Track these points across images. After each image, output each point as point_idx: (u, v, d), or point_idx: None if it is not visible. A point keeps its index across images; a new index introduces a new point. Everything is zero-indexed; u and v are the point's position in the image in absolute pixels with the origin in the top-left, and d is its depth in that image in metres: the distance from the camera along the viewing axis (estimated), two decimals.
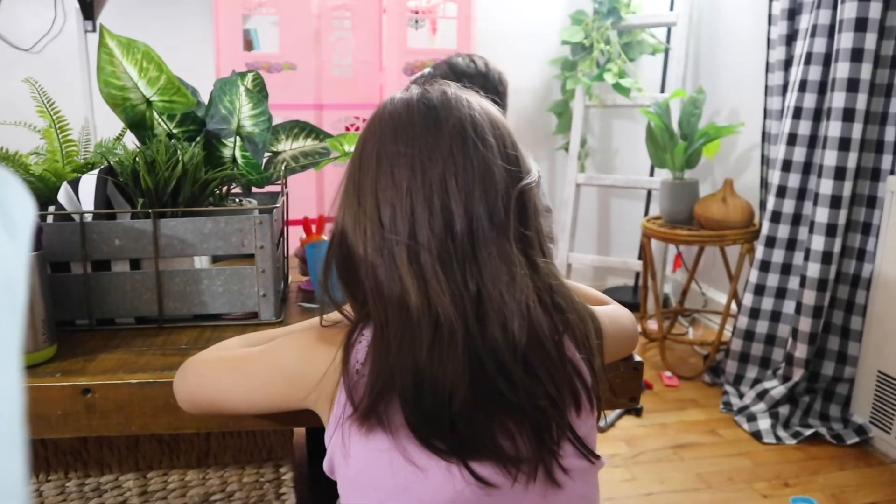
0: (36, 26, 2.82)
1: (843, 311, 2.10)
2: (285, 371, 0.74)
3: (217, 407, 0.80)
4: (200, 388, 0.80)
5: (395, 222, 0.69)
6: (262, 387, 0.75)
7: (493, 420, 0.68)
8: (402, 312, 0.68)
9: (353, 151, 0.76)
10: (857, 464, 1.92)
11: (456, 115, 0.71)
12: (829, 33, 2.04)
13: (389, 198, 0.69)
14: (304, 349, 0.74)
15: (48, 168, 1.09)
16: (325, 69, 2.50)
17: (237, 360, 0.78)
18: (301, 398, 0.74)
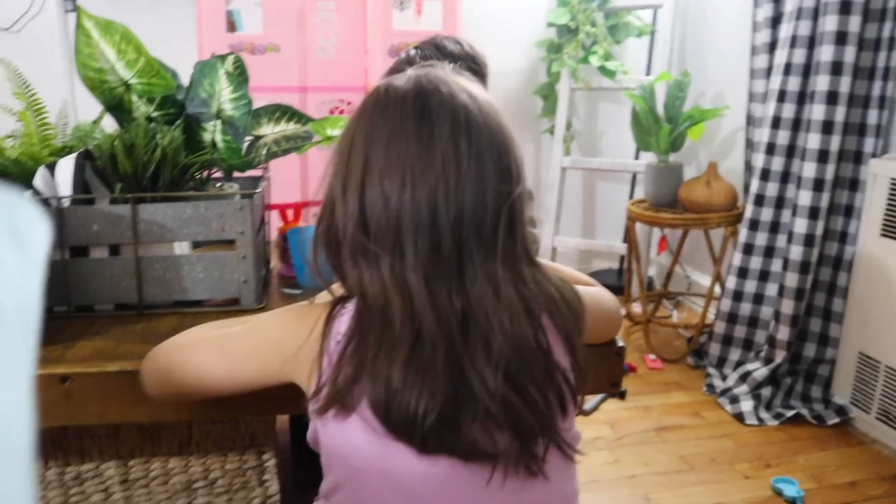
0: (15, 5, 2.77)
1: (825, 294, 2.12)
2: (267, 343, 0.74)
3: (193, 387, 0.78)
4: (176, 370, 0.79)
5: (379, 233, 0.67)
6: (244, 361, 0.75)
7: (474, 429, 0.67)
8: (383, 323, 0.67)
9: (340, 137, 0.73)
10: (837, 444, 1.95)
11: (452, 125, 0.68)
12: (814, 16, 2.04)
13: (376, 208, 0.67)
14: (285, 321, 0.74)
15: (24, 152, 1.07)
16: (310, 51, 2.47)
17: (217, 339, 0.78)
18: (279, 368, 0.73)
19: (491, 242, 0.68)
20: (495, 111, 0.72)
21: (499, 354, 0.66)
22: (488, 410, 0.66)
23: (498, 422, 0.67)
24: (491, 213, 0.68)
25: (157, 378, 0.80)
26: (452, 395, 0.65)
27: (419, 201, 0.66)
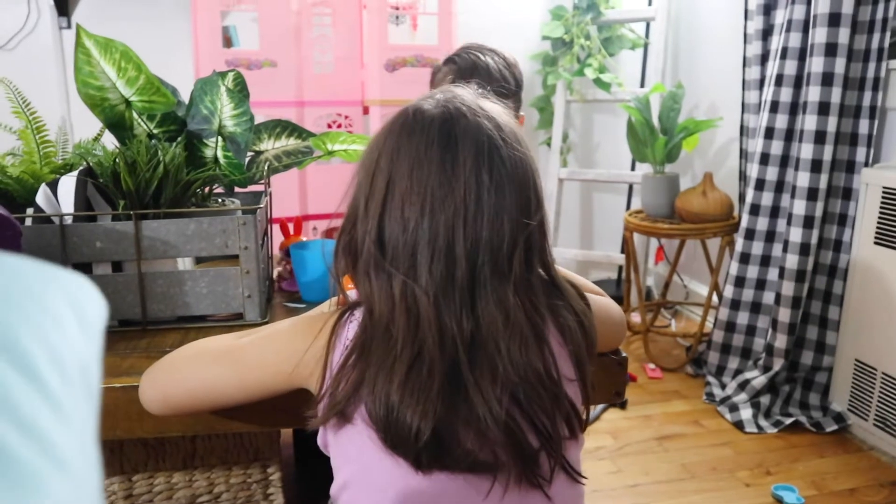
0: (8, 23, 2.78)
1: (821, 302, 2.13)
2: (279, 352, 0.74)
3: (202, 400, 0.79)
4: (179, 383, 0.79)
5: (396, 254, 0.69)
6: (256, 369, 0.75)
7: (475, 445, 0.68)
8: (387, 340, 0.68)
9: (366, 153, 0.74)
10: (836, 451, 1.95)
11: (476, 155, 0.69)
12: (804, 28, 2.07)
13: (394, 231, 0.69)
14: (297, 329, 0.75)
15: (25, 170, 1.08)
16: (306, 66, 2.49)
17: (227, 350, 0.78)
18: (290, 373, 0.74)
19: (506, 271, 0.69)
20: (519, 141, 0.72)
21: (504, 379, 0.67)
22: (490, 432, 0.67)
23: (500, 442, 0.68)
24: (508, 242, 0.69)
25: (163, 393, 0.80)
26: (451, 415, 0.66)
27: (437, 228, 0.67)
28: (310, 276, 1.09)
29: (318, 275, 1.08)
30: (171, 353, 0.82)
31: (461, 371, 0.67)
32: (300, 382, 0.75)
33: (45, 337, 0.31)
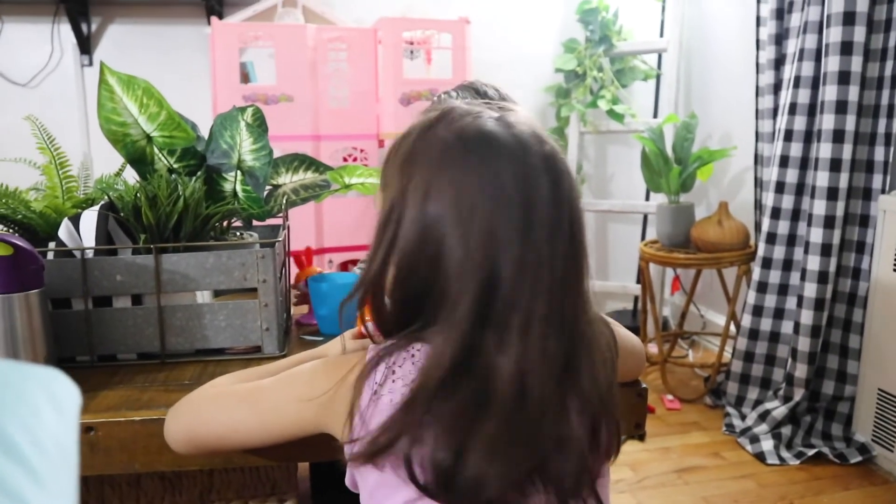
0: (33, 61, 2.85)
1: (841, 330, 2.11)
2: (300, 397, 0.73)
3: (225, 442, 0.78)
4: (203, 424, 0.78)
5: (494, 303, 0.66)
6: (278, 414, 0.74)
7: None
8: (458, 390, 0.64)
9: (444, 191, 0.67)
10: (861, 483, 1.92)
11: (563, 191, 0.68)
12: (816, 57, 2.08)
13: (492, 277, 0.66)
14: (318, 373, 0.73)
15: (49, 205, 1.09)
16: (322, 100, 2.52)
17: (246, 393, 0.77)
18: (312, 418, 0.72)
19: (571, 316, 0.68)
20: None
21: (576, 439, 0.67)
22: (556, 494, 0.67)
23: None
24: (573, 281, 0.70)
25: (186, 434, 0.79)
26: (531, 467, 0.65)
27: (518, 276, 0.65)
28: (327, 308, 1.10)
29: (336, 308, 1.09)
30: (195, 392, 0.81)
31: (540, 430, 0.66)
32: (324, 427, 0.73)
33: (26, 424, 0.38)
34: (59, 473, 0.38)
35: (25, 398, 0.40)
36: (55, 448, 0.39)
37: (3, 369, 0.41)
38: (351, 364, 0.71)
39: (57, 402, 0.42)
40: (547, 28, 3.16)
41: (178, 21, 2.90)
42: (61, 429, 0.41)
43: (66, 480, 0.39)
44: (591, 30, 2.99)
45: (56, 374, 0.44)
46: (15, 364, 0.42)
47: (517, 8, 3.13)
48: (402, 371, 0.68)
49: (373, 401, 0.67)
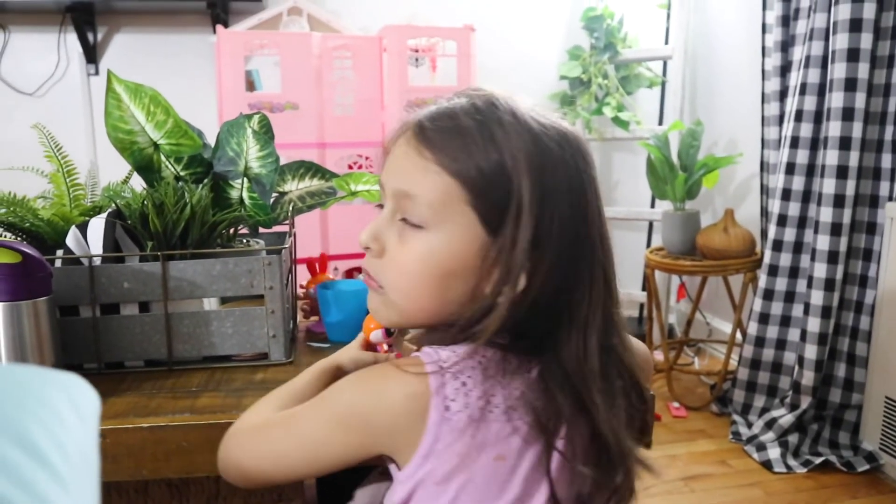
0: (40, 70, 2.86)
1: (849, 338, 2.10)
2: (344, 419, 0.68)
3: (278, 477, 0.75)
4: (254, 461, 0.74)
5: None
6: (323, 444, 0.69)
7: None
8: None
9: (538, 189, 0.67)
10: (868, 491, 1.91)
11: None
12: (823, 64, 2.07)
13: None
14: (363, 391, 0.69)
15: (56, 213, 1.10)
16: (327, 108, 2.53)
17: (285, 423, 0.73)
18: (361, 444, 0.68)
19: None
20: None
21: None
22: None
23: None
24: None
25: (237, 471, 0.76)
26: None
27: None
28: (336, 316, 1.10)
29: (345, 315, 1.09)
30: (240, 424, 0.78)
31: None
32: (380, 451, 0.69)
33: (50, 429, 0.38)
34: (82, 477, 0.38)
35: (48, 402, 0.40)
36: (77, 452, 0.39)
37: (24, 374, 0.42)
38: (404, 380, 0.66)
39: (78, 407, 0.42)
40: (552, 35, 3.17)
41: (183, 30, 2.92)
42: (83, 433, 0.41)
43: (88, 484, 0.39)
44: (596, 37, 2.99)
45: (76, 380, 0.45)
46: (36, 369, 0.43)
47: (522, 15, 3.14)
48: (472, 382, 0.66)
49: (445, 417, 0.64)
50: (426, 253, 0.68)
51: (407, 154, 0.70)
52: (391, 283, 0.71)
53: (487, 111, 0.69)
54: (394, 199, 0.71)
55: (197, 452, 0.85)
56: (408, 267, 0.69)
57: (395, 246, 0.71)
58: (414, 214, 0.69)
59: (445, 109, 0.70)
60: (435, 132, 0.69)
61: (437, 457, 0.65)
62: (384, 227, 0.72)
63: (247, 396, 0.92)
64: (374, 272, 0.73)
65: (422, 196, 0.68)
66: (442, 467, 0.65)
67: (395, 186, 0.71)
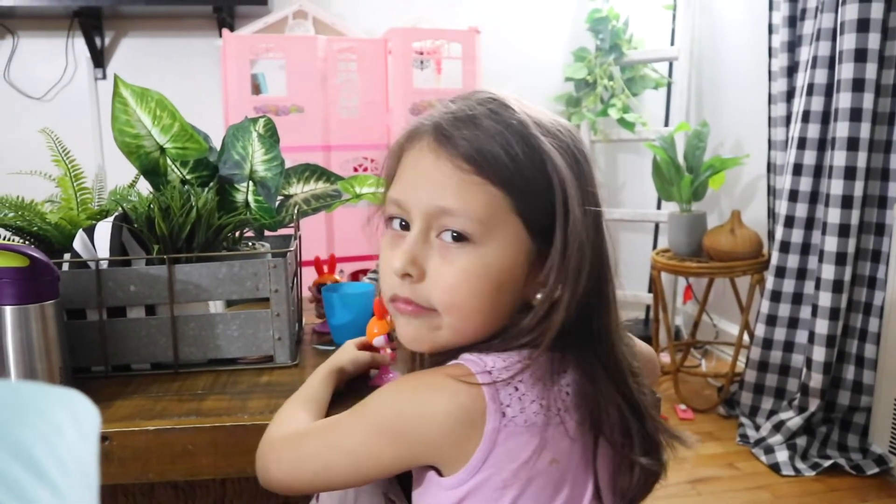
0: (47, 75, 2.88)
1: (857, 340, 2.09)
2: (390, 432, 0.66)
3: (322, 487, 0.75)
4: (296, 472, 0.72)
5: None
6: (367, 457, 0.67)
7: None
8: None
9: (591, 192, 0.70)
10: (878, 495, 1.89)
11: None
12: (830, 64, 2.07)
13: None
14: (409, 402, 0.66)
15: (64, 216, 1.10)
16: (333, 111, 2.54)
17: (325, 434, 0.72)
18: (416, 456, 0.66)
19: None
20: None
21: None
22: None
23: None
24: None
25: (282, 484, 0.74)
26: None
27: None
28: (341, 318, 1.10)
29: (350, 317, 1.09)
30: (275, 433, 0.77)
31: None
32: (428, 461, 0.67)
33: (50, 444, 0.39)
34: (81, 492, 0.39)
35: (48, 417, 0.40)
36: (76, 465, 0.40)
37: (24, 388, 0.43)
38: (453, 389, 0.64)
39: (77, 421, 0.43)
40: (557, 37, 3.17)
41: (190, 34, 2.93)
42: (82, 448, 0.42)
43: (87, 499, 0.39)
44: (602, 38, 2.99)
45: (75, 395, 0.45)
46: (37, 385, 0.43)
47: (527, 17, 3.14)
48: (524, 387, 0.65)
49: (503, 424, 0.63)
50: (479, 268, 0.66)
51: (437, 167, 0.66)
52: (444, 304, 0.68)
53: (507, 114, 0.68)
54: (426, 218, 0.67)
55: (203, 455, 0.85)
56: (461, 285, 0.66)
57: (440, 266, 0.67)
58: (459, 230, 0.66)
59: (464, 115, 0.68)
60: (466, 141, 0.66)
61: (494, 464, 0.63)
62: (419, 248, 0.68)
63: (252, 399, 0.93)
64: (418, 297, 0.68)
65: (466, 211, 0.65)
66: (500, 474, 0.63)
67: (431, 203, 0.66)
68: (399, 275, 0.68)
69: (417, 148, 0.69)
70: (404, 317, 0.71)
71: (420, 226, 0.68)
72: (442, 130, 0.67)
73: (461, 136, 0.66)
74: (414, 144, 0.70)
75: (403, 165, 0.71)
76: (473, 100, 0.70)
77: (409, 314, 0.70)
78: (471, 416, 0.63)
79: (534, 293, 0.70)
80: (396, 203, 0.70)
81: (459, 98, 0.72)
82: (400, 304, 0.70)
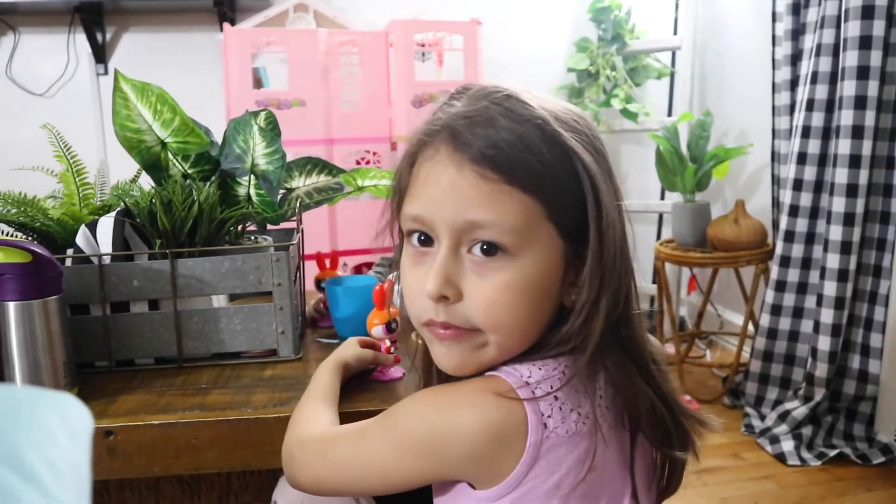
0: (49, 71, 2.88)
1: (863, 329, 2.08)
2: (419, 448, 0.64)
3: (351, 493, 0.75)
4: (325, 479, 0.71)
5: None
6: (395, 471, 0.66)
7: None
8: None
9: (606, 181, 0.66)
10: (884, 484, 1.89)
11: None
12: (834, 52, 2.05)
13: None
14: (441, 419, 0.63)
15: (66, 212, 1.10)
16: (334, 104, 2.53)
17: (353, 443, 0.70)
18: (446, 472, 0.64)
19: None
20: None
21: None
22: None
23: None
24: None
25: (313, 487, 0.74)
26: None
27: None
28: (344, 312, 1.10)
29: (353, 311, 1.09)
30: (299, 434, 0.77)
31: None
32: (458, 477, 0.65)
33: (41, 448, 0.39)
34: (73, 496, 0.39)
35: (40, 421, 0.41)
36: (69, 472, 0.40)
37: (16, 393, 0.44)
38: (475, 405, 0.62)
39: (70, 425, 0.43)
40: (559, 27, 3.16)
41: (191, 28, 2.92)
42: (74, 452, 0.42)
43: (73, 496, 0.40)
44: (604, 28, 2.97)
45: (68, 399, 0.45)
46: (28, 388, 0.45)
47: (528, 8, 3.13)
48: (563, 395, 0.63)
49: (545, 436, 0.61)
50: (518, 281, 0.63)
51: (463, 178, 0.62)
52: (489, 322, 0.64)
53: (525, 112, 0.64)
54: (455, 233, 0.63)
55: (207, 449, 0.85)
56: (503, 301, 0.63)
57: (476, 283, 0.64)
58: (493, 243, 0.62)
59: (481, 119, 0.63)
60: (489, 147, 0.61)
61: (536, 476, 0.61)
62: (450, 267, 0.64)
63: (256, 393, 0.93)
64: (457, 318, 0.65)
65: (500, 222, 0.61)
66: (542, 486, 0.61)
67: (460, 218, 0.62)
68: (434, 298, 0.64)
69: (434, 158, 0.64)
70: (444, 343, 0.67)
71: (449, 242, 0.64)
72: (460, 137, 0.63)
73: (481, 141, 0.62)
74: (428, 153, 0.65)
75: (419, 178, 0.66)
76: (486, 98, 0.65)
77: (450, 338, 0.66)
78: (508, 431, 0.61)
79: (568, 296, 0.67)
80: (419, 220, 0.65)
81: (467, 94, 0.67)
82: (438, 330, 0.66)
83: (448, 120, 0.65)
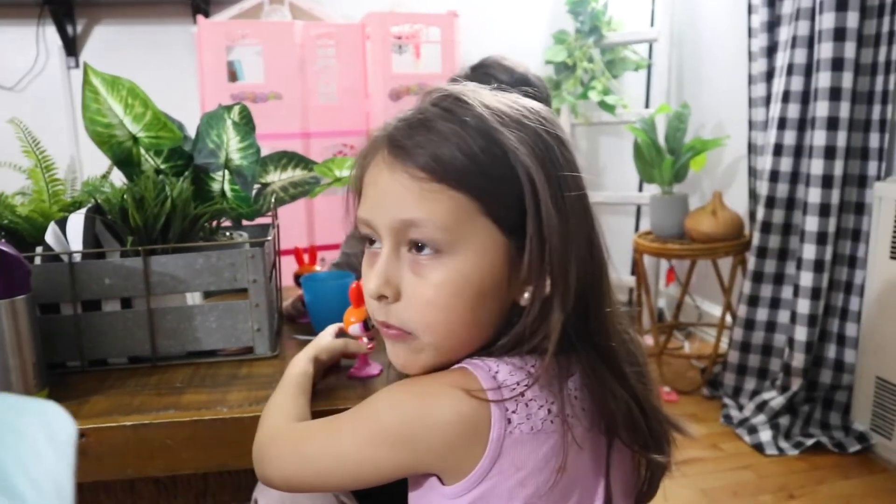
0: (18, 64, 2.82)
1: (838, 319, 2.10)
2: (390, 439, 0.63)
3: (322, 489, 0.75)
4: (296, 475, 0.71)
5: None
6: (366, 463, 0.65)
7: None
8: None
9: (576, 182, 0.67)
10: (860, 472, 1.91)
11: None
12: (809, 44, 2.07)
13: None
14: (411, 410, 0.63)
15: (35, 209, 1.07)
16: (311, 97, 2.51)
17: (325, 437, 0.69)
18: (417, 464, 0.64)
19: None
20: None
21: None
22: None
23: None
24: None
25: (283, 483, 0.72)
26: None
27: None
28: (321, 308, 1.08)
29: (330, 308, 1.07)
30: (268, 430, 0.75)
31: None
32: (429, 470, 0.65)
33: (25, 465, 0.39)
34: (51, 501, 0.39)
35: (25, 437, 0.41)
36: (51, 484, 0.40)
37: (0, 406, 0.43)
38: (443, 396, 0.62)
39: (54, 436, 0.43)
40: (536, 20, 3.15)
41: (164, 21, 2.88)
42: (57, 463, 0.42)
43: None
44: (581, 21, 2.97)
45: (51, 407, 0.45)
46: (12, 399, 0.44)
47: (506, 0, 3.11)
48: (530, 392, 0.62)
49: (508, 431, 0.61)
50: (454, 279, 0.63)
51: (395, 180, 0.63)
52: (422, 323, 0.65)
53: (460, 110, 0.64)
54: (393, 234, 0.64)
55: (182, 450, 0.84)
56: (437, 300, 0.63)
57: (413, 283, 0.64)
58: (426, 242, 0.63)
59: (417, 121, 0.65)
60: (420, 148, 0.63)
61: (499, 472, 0.61)
62: (391, 267, 0.65)
63: (232, 392, 0.91)
64: (396, 319, 0.66)
65: (429, 220, 0.62)
66: (505, 483, 0.61)
67: (394, 218, 0.64)
68: (374, 297, 0.66)
69: (374, 163, 0.67)
70: (390, 342, 0.68)
71: (389, 243, 0.65)
72: (395, 142, 0.64)
73: (414, 143, 0.63)
74: (371, 160, 0.67)
75: (365, 182, 0.68)
76: (427, 101, 0.67)
77: (393, 338, 0.67)
78: (475, 424, 0.61)
79: (520, 293, 0.66)
80: (365, 223, 0.67)
81: (418, 100, 0.69)
82: (384, 329, 0.68)
83: (391, 126, 0.67)
